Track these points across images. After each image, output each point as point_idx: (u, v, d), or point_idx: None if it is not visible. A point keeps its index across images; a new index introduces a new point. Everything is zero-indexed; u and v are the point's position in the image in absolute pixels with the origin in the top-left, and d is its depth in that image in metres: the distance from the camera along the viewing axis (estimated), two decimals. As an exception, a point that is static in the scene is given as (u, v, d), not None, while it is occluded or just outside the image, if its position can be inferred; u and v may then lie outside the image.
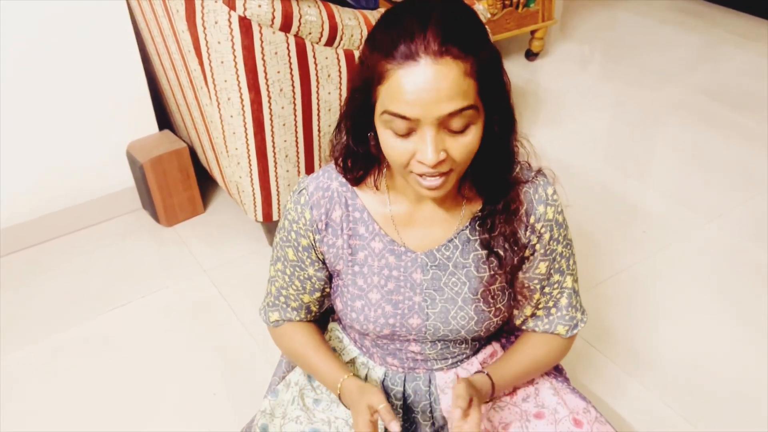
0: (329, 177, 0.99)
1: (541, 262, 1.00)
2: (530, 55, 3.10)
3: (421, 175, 0.83)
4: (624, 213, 2.15)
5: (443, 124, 0.79)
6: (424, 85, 0.76)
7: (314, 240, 1.00)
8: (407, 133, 0.81)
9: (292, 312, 1.08)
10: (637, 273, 1.90)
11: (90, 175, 2.02)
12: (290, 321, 1.11)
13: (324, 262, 1.03)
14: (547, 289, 1.03)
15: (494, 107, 0.84)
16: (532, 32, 3.01)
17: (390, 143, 0.83)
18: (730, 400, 1.53)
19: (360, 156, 0.94)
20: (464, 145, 0.82)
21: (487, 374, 1.01)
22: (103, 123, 1.96)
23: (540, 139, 2.45)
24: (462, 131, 0.81)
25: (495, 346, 1.14)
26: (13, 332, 1.72)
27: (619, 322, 1.74)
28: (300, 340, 1.09)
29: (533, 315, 1.06)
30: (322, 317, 1.19)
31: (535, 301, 1.03)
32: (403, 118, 0.79)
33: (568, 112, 2.70)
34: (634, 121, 2.65)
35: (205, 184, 2.20)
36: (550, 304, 1.04)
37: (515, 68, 3.01)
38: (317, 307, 1.11)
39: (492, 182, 0.93)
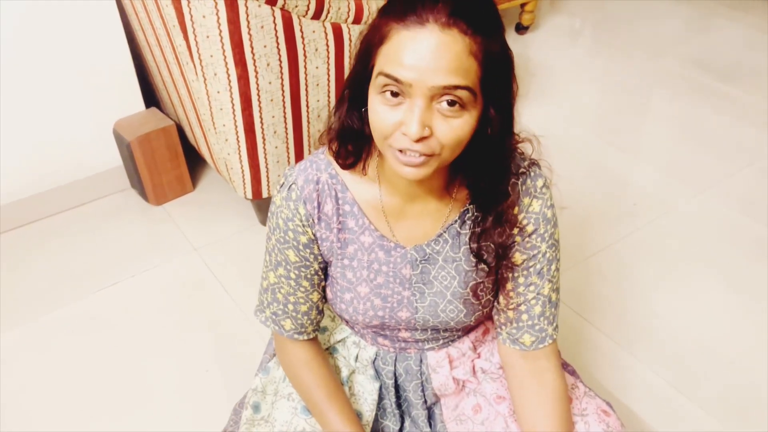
0: (317, 169, 0.95)
1: (517, 252, 0.94)
2: (520, 29, 3.07)
3: (401, 151, 0.79)
4: (615, 186, 2.15)
5: (435, 99, 0.76)
6: (425, 52, 0.74)
7: (313, 234, 0.96)
8: (397, 103, 0.77)
9: (303, 317, 1.03)
10: (627, 245, 1.90)
11: (77, 154, 2.00)
12: (301, 341, 1.05)
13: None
14: (521, 289, 0.96)
15: (494, 102, 0.80)
16: (522, 5, 2.98)
17: (378, 110, 0.79)
18: (720, 369, 1.55)
19: (354, 133, 0.90)
20: (452, 128, 0.77)
21: None
22: (88, 101, 1.93)
23: (530, 113, 2.44)
24: (453, 115, 0.77)
25: (488, 324, 1.12)
26: (3, 313, 1.71)
27: (610, 294, 1.74)
28: (313, 381, 1.02)
29: (506, 320, 0.99)
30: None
31: (506, 291, 0.97)
32: (396, 81, 0.75)
33: (558, 86, 2.69)
34: (625, 93, 2.64)
35: (194, 162, 2.18)
36: (522, 308, 0.97)
37: (505, 41, 2.98)
38: (324, 302, 1.06)
39: (483, 191, 0.89)
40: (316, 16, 1.57)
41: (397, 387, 1.11)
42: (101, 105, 1.96)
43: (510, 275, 0.96)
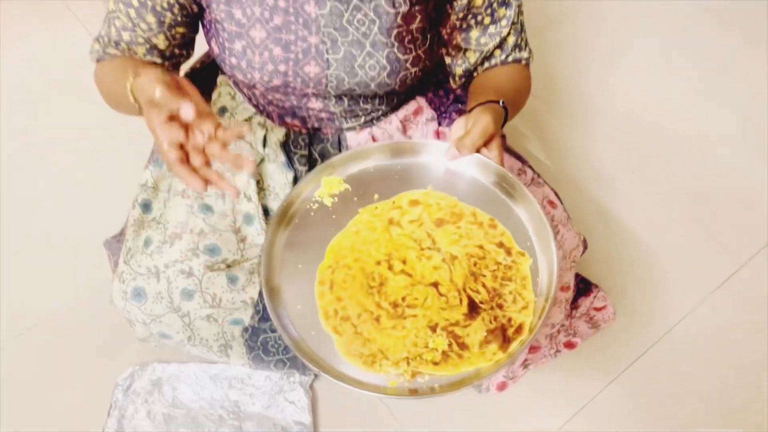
0: None
1: None
2: None
3: None
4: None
5: None
6: None
7: None
8: None
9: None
10: (588, 15, 1.70)
11: None
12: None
13: None
14: (492, 29, 0.87)
15: None
16: None
17: None
18: (675, 149, 1.48)
19: None
20: None
21: (502, 104, 0.83)
22: None
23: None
24: None
25: (420, 101, 0.98)
26: None
27: (568, 70, 1.61)
28: (119, 64, 0.83)
29: (474, 66, 0.91)
30: (210, 71, 0.98)
31: (474, 41, 0.88)
32: None
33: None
34: None
35: None
36: (496, 44, 0.89)
37: None
38: (173, 54, 0.87)
39: None
40: None
41: None
42: None
43: (473, 21, 0.86)
